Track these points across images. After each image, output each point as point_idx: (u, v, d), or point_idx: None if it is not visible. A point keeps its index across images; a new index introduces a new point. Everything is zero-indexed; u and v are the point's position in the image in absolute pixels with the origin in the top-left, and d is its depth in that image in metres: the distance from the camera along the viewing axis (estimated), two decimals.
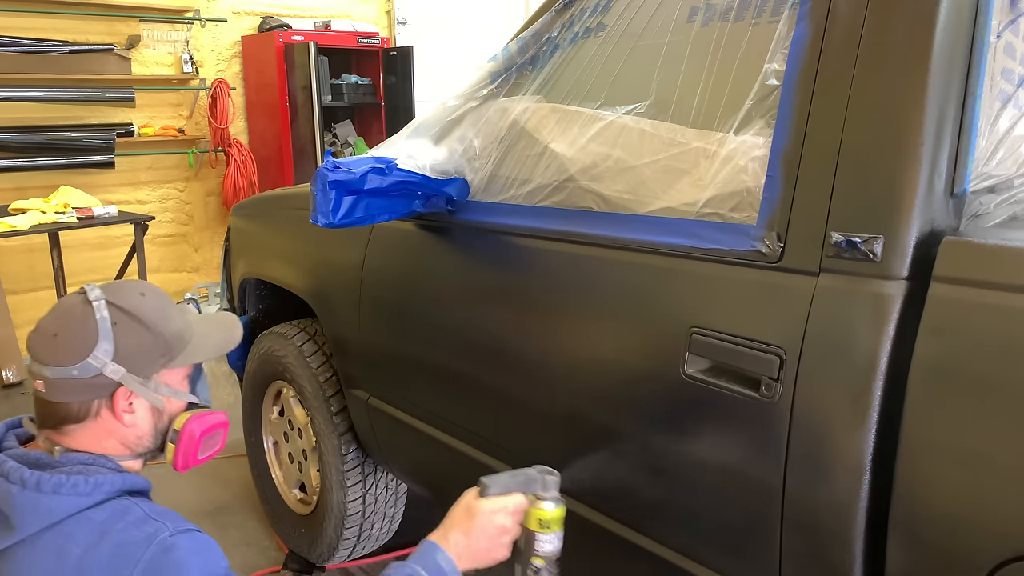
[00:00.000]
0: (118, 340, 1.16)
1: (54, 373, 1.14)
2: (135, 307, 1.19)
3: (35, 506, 1.07)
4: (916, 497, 0.98)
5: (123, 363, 1.16)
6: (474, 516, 1.24)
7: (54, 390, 1.15)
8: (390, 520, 2.38)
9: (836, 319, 1.07)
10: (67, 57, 4.44)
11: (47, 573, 1.06)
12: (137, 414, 1.20)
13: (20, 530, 1.07)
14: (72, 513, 1.09)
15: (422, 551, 1.22)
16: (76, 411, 1.16)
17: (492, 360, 1.66)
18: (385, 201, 1.64)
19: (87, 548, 1.06)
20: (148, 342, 1.19)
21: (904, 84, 1.04)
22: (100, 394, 1.16)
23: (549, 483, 1.29)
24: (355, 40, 5.38)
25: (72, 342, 1.15)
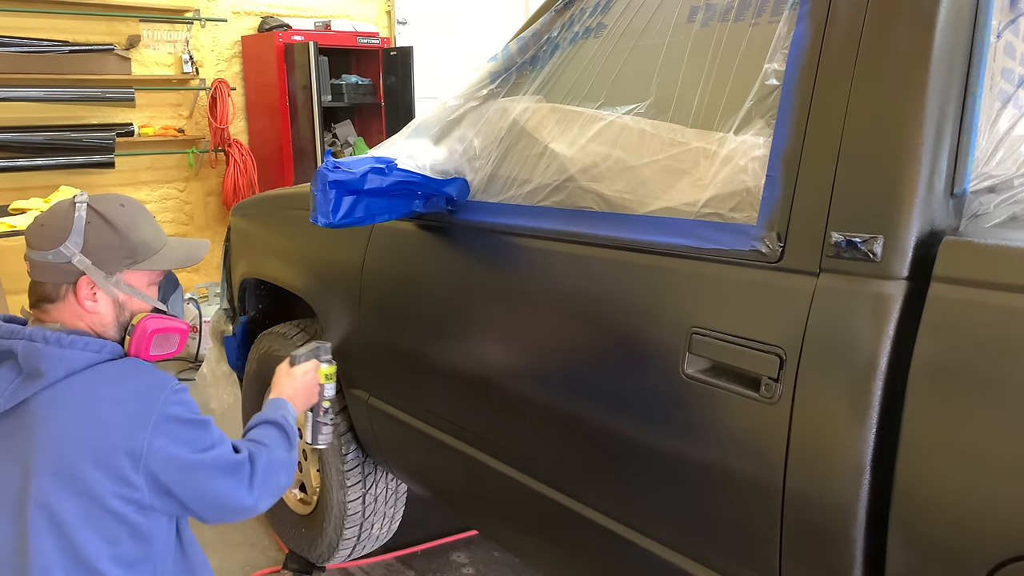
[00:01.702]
0: (88, 236, 1.38)
1: (35, 256, 1.39)
2: (109, 212, 1.41)
3: (60, 357, 1.31)
4: (916, 497, 0.99)
5: (89, 256, 1.38)
6: (294, 377, 1.79)
7: (35, 270, 1.40)
8: (390, 520, 2.38)
9: (836, 319, 1.07)
10: (67, 57, 4.44)
11: (86, 408, 1.30)
12: (99, 304, 1.40)
13: (48, 376, 1.29)
14: (90, 364, 1.33)
15: (274, 404, 1.64)
16: (50, 291, 1.39)
17: (492, 360, 1.66)
18: (385, 201, 1.64)
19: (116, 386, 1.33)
20: (114, 242, 1.40)
21: (904, 84, 1.04)
22: (68, 279, 1.38)
23: (327, 348, 1.90)
24: (355, 40, 5.37)
25: (51, 232, 1.38)
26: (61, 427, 1.29)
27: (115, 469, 1.28)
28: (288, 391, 1.75)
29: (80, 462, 1.27)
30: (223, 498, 1.39)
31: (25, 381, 1.31)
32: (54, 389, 1.30)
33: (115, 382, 1.34)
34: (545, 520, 1.58)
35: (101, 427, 1.29)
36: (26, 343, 1.32)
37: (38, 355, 1.30)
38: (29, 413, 1.30)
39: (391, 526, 2.41)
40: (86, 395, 1.31)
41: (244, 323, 2.65)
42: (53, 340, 1.33)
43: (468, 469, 1.75)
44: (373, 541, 2.40)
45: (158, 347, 1.45)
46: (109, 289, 1.40)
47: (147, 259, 1.44)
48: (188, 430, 1.36)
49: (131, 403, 1.32)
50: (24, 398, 1.30)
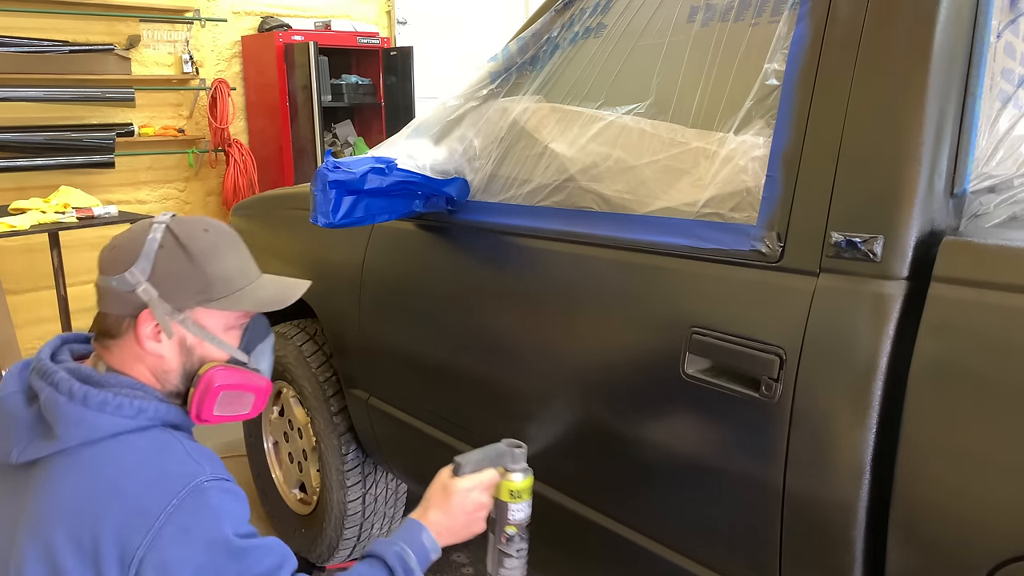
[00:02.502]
0: (158, 262, 1.16)
1: (101, 281, 1.18)
2: (188, 237, 1.19)
3: (79, 419, 1.08)
4: (916, 497, 0.99)
5: (156, 286, 1.15)
6: (451, 495, 1.31)
7: (99, 298, 1.19)
8: (390, 520, 2.38)
9: (836, 319, 1.07)
10: (67, 57, 4.44)
11: (80, 488, 1.06)
12: (163, 345, 1.18)
13: (61, 440, 1.08)
14: (114, 433, 1.09)
15: (406, 529, 1.28)
16: (111, 325, 1.18)
17: (492, 360, 1.66)
18: (385, 201, 1.64)
19: (124, 473, 1.07)
20: (186, 273, 1.18)
21: (904, 84, 1.04)
22: (130, 312, 1.16)
23: (517, 455, 1.36)
24: (355, 40, 5.37)
25: (119, 254, 1.17)
26: (52, 503, 1.06)
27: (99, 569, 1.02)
28: (435, 513, 1.31)
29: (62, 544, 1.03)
30: None
31: (40, 439, 1.10)
32: (65, 456, 1.08)
33: (128, 464, 1.08)
34: (544, 520, 1.58)
35: (93, 517, 1.03)
36: (50, 392, 1.11)
37: (56, 412, 1.09)
38: (34, 476, 1.10)
39: (391, 526, 2.41)
40: (87, 474, 1.07)
41: None
42: (79, 396, 1.09)
43: None
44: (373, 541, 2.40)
45: (224, 407, 1.21)
46: (169, 328, 1.16)
47: (224, 297, 1.21)
48: (208, 553, 1.04)
49: (136, 497, 1.05)
50: (36, 457, 1.10)
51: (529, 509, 1.37)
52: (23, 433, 1.12)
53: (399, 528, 1.29)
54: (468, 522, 1.32)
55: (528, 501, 1.37)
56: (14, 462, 1.11)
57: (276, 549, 1.12)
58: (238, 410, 1.24)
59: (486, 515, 1.35)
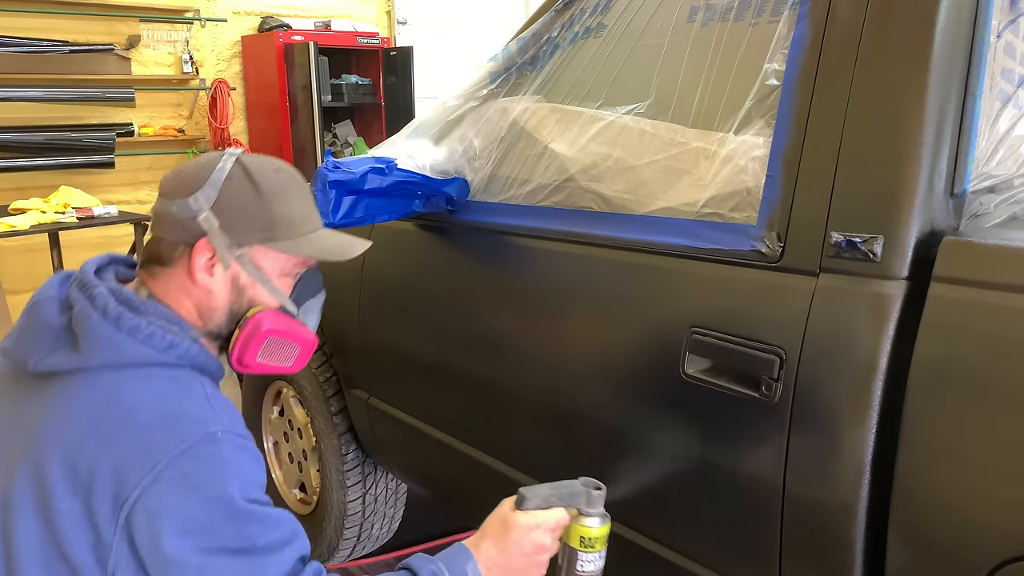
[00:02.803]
0: (224, 192, 1.10)
1: (160, 205, 1.13)
2: (259, 173, 1.14)
3: (107, 340, 1.03)
4: (916, 497, 0.99)
5: (219, 216, 1.10)
6: (510, 530, 1.14)
7: (155, 222, 1.14)
8: (390, 520, 2.38)
9: (836, 319, 1.06)
10: (67, 57, 4.44)
11: (89, 412, 1.00)
12: (215, 279, 1.12)
13: (84, 357, 1.03)
14: (138, 363, 1.04)
15: (452, 553, 1.14)
16: (163, 251, 1.12)
17: (492, 360, 1.66)
18: (385, 201, 1.64)
19: (138, 406, 1.01)
20: (252, 207, 1.12)
21: (904, 84, 1.04)
22: (186, 239, 1.11)
23: (594, 498, 1.18)
24: (355, 40, 5.38)
25: (184, 179, 1.12)
26: (58, 422, 1.01)
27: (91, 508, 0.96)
28: (489, 547, 1.14)
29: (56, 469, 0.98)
30: None
31: (63, 351, 1.05)
32: (83, 376, 1.03)
33: (145, 397, 1.02)
34: None
35: (96, 443, 0.98)
36: (85, 305, 1.05)
37: (86, 327, 1.04)
38: (47, 390, 1.04)
39: (391, 526, 2.40)
40: (104, 398, 1.02)
41: None
42: (112, 316, 1.04)
43: (468, 469, 1.75)
44: (373, 541, 2.40)
45: (268, 355, 1.16)
46: (227, 259, 1.11)
47: (286, 240, 1.15)
48: (204, 510, 0.96)
49: (145, 432, 0.98)
50: (55, 370, 1.04)
51: (602, 562, 1.19)
52: (47, 342, 1.06)
53: (447, 550, 1.14)
54: (525, 565, 1.14)
55: (602, 552, 1.19)
56: (31, 369, 1.05)
57: (286, 523, 1.02)
58: (281, 361, 1.18)
59: (547, 561, 1.17)
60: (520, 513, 1.15)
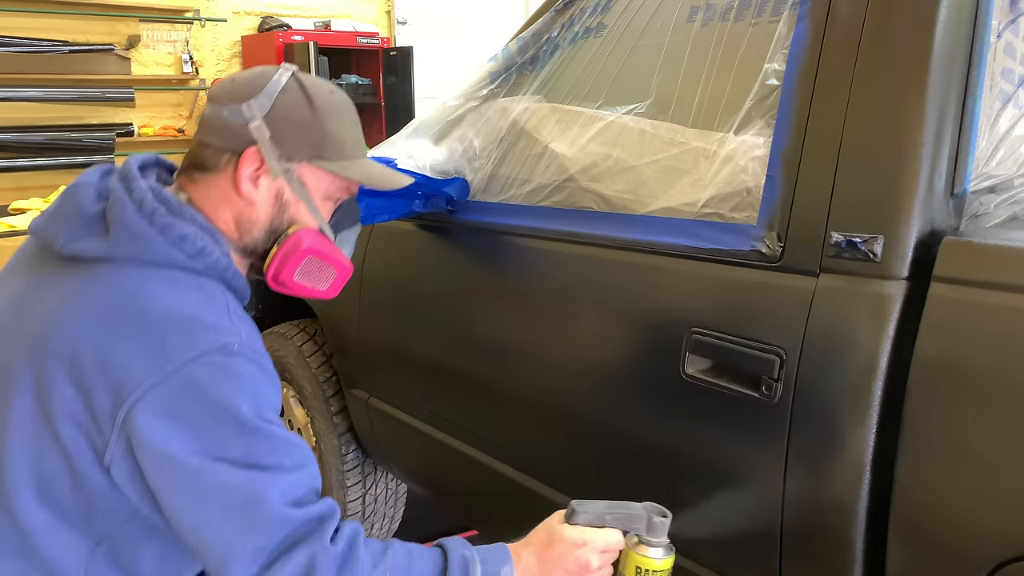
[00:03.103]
0: (278, 104, 1.08)
1: (211, 110, 1.11)
2: (315, 89, 1.12)
3: (139, 233, 1.00)
4: (916, 497, 0.98)
5: (271, 127, 1.08)
6: (554, 543, 1.06)
7: (204, 126, 1.11)
8: (390, 520, 2.38)
9: (836, 319, 1.06)
10: (67, 57, 4.44)
11: (110, 304, 0.98)
12: (259, 192, 1.10)
13: (112, 246, 1.00)
14: (165, 263, 1.01)
15: (492, 550, 1.06)
16: (208, 157, 1.09)
17: (492, 360, 1.66)
18: (385, 201, 1.64)
19: (158, 305, 0.97)
20: (306, 121, 1.10)
21: (904, 84, 1.04)
22: (234, 146, 1.08)
23: (657, 526, 1.06)
24: (355, 40, 5.38)
25: (239, 86, 1.10)
26: (75, 308, 0.98)
27: (91, 397, 0.94)
28: (529, 556, 1.07)
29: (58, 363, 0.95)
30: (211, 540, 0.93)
31: (93, 237, 1.01)
32: (107, 268, 1.00)
33: (166, 298, 0.98)
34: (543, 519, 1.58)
35: (109, 335, 0.95)
36: (123, 195, 1.02)
37: (120, 216, 1.01)
38: (69, 274, 1.01)
39: (391, 526, 2.40)
40: (125, 291, 0.98)
41: None
42: (148, 210, 1.01)
43: (468, 469, 1.75)
44: None
45: (306, 275, 1.13)
46: (277, 172, 1.08)
47: (335, 161, 1.12)
48: (206, 416, 0.93)
49: (160, 331, 0.95)
50: (87, 256, 1.01)
51: None
52: (79, 226, 1.02)
53: (489, 546, 1.08)
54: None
55: None
56: (57, 250, 1.02)
57: (298, 449, 0.98)
58: (317, 283, 1.16)
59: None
60: (568, 527, 1.07)
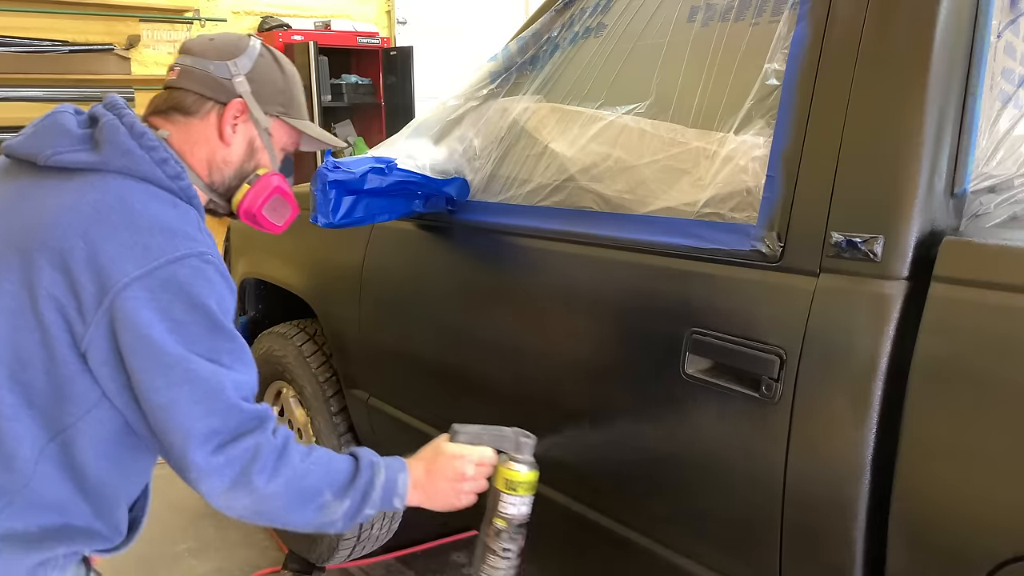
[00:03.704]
0: (257, 66, 1.28)
1: (195, 62, 1.26)
2: (282, 58, 1.34)
3: (129, 150, 1.14)
4: (916, 497, 0.99)
5: (251, 84, 1.26)
6: (438, 456, 1.29)
7: (186, 76, 1.26)
8: (390, 520, 2.38)
9: (836, 319, 1.07)
10: (67, 57, 4.44)
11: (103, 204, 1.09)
12: (236, 137, 1.27)
13: (104, 159, 1.12)
14: (149, 179, 1.14)
15: (391, 460, 1.26)
16: (190, 103, 1.25)
17: (492, 360, 1.66)
18: (385, 201, 1.64)
19: (145, 212, 1.10)
20: (279, 83, 1.31)
21: (904, 84, 1.04)
22: (219, 97, 1.25)
23: (523, 445, 1.30)
24: (355, 40, 5.37)
25: (223, 46, 1.28)
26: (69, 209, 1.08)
27: (76, 285, 1.04)
28: (418, 467, 1.28)
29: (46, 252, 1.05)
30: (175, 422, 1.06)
31: (83, 151, 1.13)
32: (97, 177, 1.12)
33: (151, 208, 1.11)
34: (544, 519, 1.58)
35: (97, 231, 1.06)
36: (113, 119, 1.16)
37: (111, 135, 1.14)
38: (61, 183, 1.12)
39: (391, 526, 2.40)
40: (114, 196, 1.10)
41: (244, 323, 2.65)
42: (138, 132, 1.16)
43: None
44: (373, 541, 2.40)
45: (272, 211, 1.30)
46: (259, 121, 1.27)
47: (296, 118, 1.34)
48: (184, 310, 1.07)
49: (147, 232, 1.07)
50: (75, 166, 1.12)
51: (527, 508, 1.28)
52: (66, 142, 1.15)
53: (389, 457, 1.27)
54: (445, 490, 1.28)
55: (527, 498, 1.28)
56: (43, 163, 1.13)
57: (249, 355, 1.15)
58: (276, 219, 1.32)
59: (469, 491, 1.29)
60: (450, 444, 1.30)
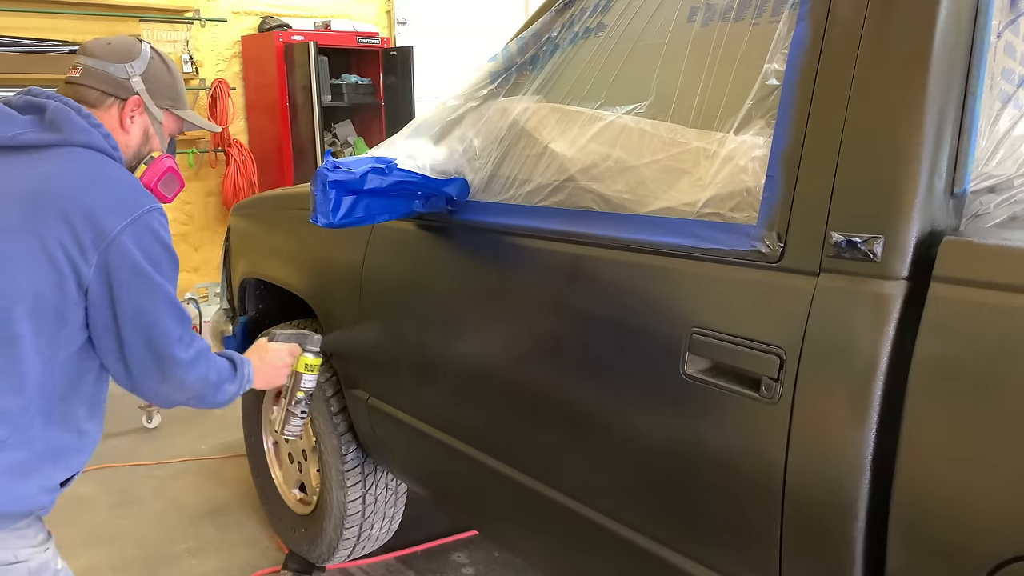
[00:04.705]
0: (149, 67, 1.56)
1: (96, 64, 1.52)
2: (168, 59, 1.62)
3: (83, 128, 1.42)
4: (916, 497, 0.99)
5: (146, 83, 1.55)
6: (267, 351, 1.85)
7: (88, 75, 1.51)
8: (390, 520, 2.38)
9: (836, 319, 1.06)
10: (67, 57, 4.42)
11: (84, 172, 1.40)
12: (134, 126, 1.55)
13: (66, 136, 1.39)
14: (102, 151, 1.44)
15: (240, 357, 1.68)
16: (94, 99, 1.50)
17: (492, 360, 1.66)
18: (385, 201, 1.64)
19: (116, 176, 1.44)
20: (169, 81, 1.60)
21: (904, 84, 1.04)
22: (120, 93, 1.52)
23: (315, 340, 1.93)
24: (355, 40, 5.37)
25: (119, 50, 1.55)
26: (58, 176, 1.37)
27: (77, 232, 1.34)
28: (255, 358, 1.77)
29: (49, 209, 1.33)
30: (160, 330, 1.42)
31: (43, 131, 1.39)
32: (65, 150, 1.39)
33: (118, 172, 1.45)
34: (545, 520, 1.58)
35: (87, 191, 1.36)
36: (59, 105, 1.42)
37: (65, 116, 1.40)
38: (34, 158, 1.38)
39: (391, 526, 2.40)
40: (89, 164, 1.41)
41: (244, 323, 2.65)
42: (84, 113, 1.43)
43: (468, 469, 1.75)
44: (373, 541, 2.40)
45: (165, 185, 1.58)
46: (154, 114, 1.56)
47: (181, 109, 1.63)
48: (159, 250, 1.42)
49: (124, 192, 1.41)
50: (40, 143, 1.39)
51: (314, 383, 1.95)
52: (18, 124, 1.40)
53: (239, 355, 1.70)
54: (273, 373, 1.85)
55: (315, 376, 1.94)
56: (5, 144, 1.37)
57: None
58: (168, 192, 1.59)
59: (287, 373, 1.89)
60: (272, 343, 1.89)
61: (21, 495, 1.36)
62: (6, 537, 1.36)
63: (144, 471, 3.16)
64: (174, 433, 3.51)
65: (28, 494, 1.37)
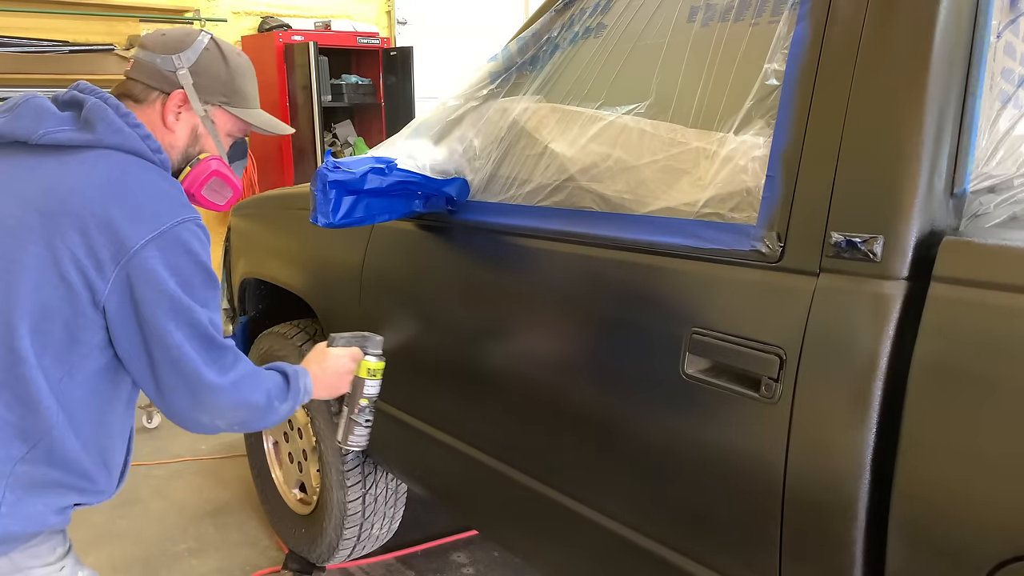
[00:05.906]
0: (201, 60, 1.42)
1: (144, 55, 1.41)
2: (229, 52, 1.48)
3: (119, 127, 1.29)
4: (916, 497, 0.99)
5: (194, 76, 1.41)
6: (326, 358, 1.71)
7: (137, 67, 1.42)
8: (390, 520, 2.38)
9: (836, 319, 1.07)
10: (67, 57, 4.44)
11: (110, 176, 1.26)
12: (180, 124, 1.42)
13: (98, 136, 1.28)
14: (139, 154, 1.30)
15: (297, 367, 1.56)
16: (139, 92, 1.40)
17: (492, 360, 1.66)
18: (385, 201, 1.64)
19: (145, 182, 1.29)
20: (222, 75, 1.44)
21: (904, 84, 1.04)
22: (163, 88, 1.40)
23: (377, 342, 1.79)
24: (355, 40, 5.37)
25: (170, 41, 1.42)
26: (80, 180, 1.24)
27: (94, 246, 1.21)
28: (315, 367, 1.65)
29: (66, 219, 1.21)
30: (185, 356, 1.27)
31: (76, 130, 1.28)
32: (96, 152, 1.27)
33: (152, 178, 1.30)
34: (545, 520, 1.58)
35: (110, 200, 1.23)
36: (98, 102, 1.30)
37: (101, 114, 1.28)
38: (61, 159, 1.26)
39: (391, 526, 2.40)
40: (118, 169, 1.27)
41: (244, 323, 2.65)
42: (123, 112, 1.31)
43: (468, 469, 1.75)
44: (373, 541, 2.40)
45: (212, 191, 1.44)
46: (199, 109, 1.42)
47: (239, 107, 1.48)
48: (190, 266, 1.27)
49: (152, 201, 1.27)
50: (71, 143, 1.27)
51: (379, 388, 1.80)
52: (53, 121, 1.28)
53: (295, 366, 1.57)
54: (336, 381, 1.72)
55: (379, 381, 1.80)
56: (35, 141, 1.26)
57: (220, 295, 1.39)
58: (217, 199, 1.47)
59: (350, 380, 1.75)
60: (332, 349, 1.74)
61: (31, 513, 1.26)
62: (18, 558, 1.28)
63: (144, 471, 3.16)
64: (174, 433, 3.51)
65: (37, 513, 1.27)
